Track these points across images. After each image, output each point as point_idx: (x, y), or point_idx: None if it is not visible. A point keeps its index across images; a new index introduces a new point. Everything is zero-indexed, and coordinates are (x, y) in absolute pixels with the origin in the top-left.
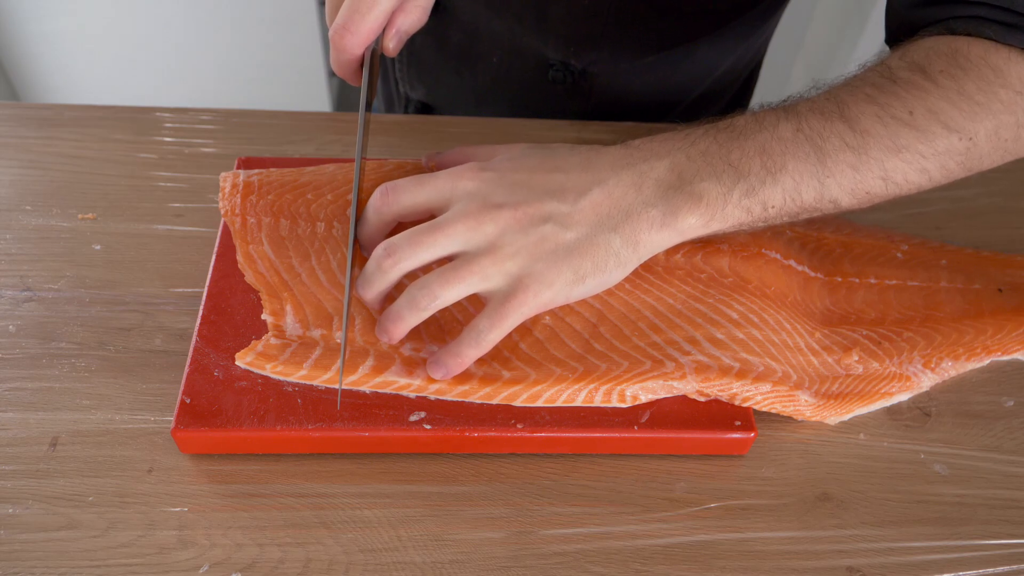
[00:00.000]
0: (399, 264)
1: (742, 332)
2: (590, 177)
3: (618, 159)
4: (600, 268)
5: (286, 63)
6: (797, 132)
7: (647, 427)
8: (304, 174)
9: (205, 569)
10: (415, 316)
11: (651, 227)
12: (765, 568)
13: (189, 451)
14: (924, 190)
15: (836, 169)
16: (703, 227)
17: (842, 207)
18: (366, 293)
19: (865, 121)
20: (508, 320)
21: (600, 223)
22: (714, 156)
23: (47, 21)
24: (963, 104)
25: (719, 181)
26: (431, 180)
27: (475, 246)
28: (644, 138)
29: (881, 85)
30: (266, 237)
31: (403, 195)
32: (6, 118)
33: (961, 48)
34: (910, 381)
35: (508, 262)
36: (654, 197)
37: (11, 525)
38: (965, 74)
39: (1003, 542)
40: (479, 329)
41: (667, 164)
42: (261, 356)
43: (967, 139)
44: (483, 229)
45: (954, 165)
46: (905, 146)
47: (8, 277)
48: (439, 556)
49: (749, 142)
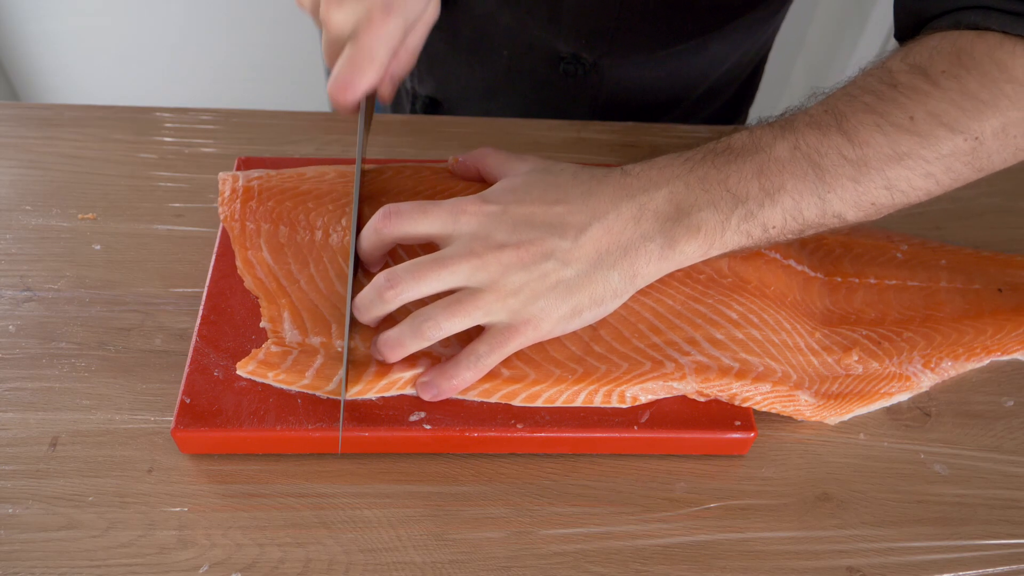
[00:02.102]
0: (401, 295)
1: (742, 332)
2: (590, 211)
3: (618, 189)
4: (597, 303)
5: (286, 63)
6: (794, 150)
7: (647, 427)
8: (305, 181)
9: (205, 569)
10: (416, 344)
11: (649, 260)
12: (765, 568)
13: (189, 451)
14: (936, 195)
15: (836, 184)
16: (702, 255)
17: (848, 220)
18: (362, 317)
19: (864, 132)
20: (507, 348)
21: (600, 260)
22: (712, 182)
23: (47, 21)
24: (966, 104)
25: (716, 209)
26: (434, 210)
27: (478, 282)
28: (644, 163)
29: (880, 92)
30: (265, 243)
31: (405, 222)
32: (6, 118)
33: (965, 46)
34: (910, 381)
35: (511, 299)
36: (652, 231)
37: (11, 525)
38: (968, 73)
39: (1003, 542)
40: (479, 353)
41: (665, 194)
42: (263, 364)
43: (972, 139)
44: (487, 267)
45: (961, 166)
46: (907, 153)
47: (8, 277)
48: (439, 556)
49: (747, 165)
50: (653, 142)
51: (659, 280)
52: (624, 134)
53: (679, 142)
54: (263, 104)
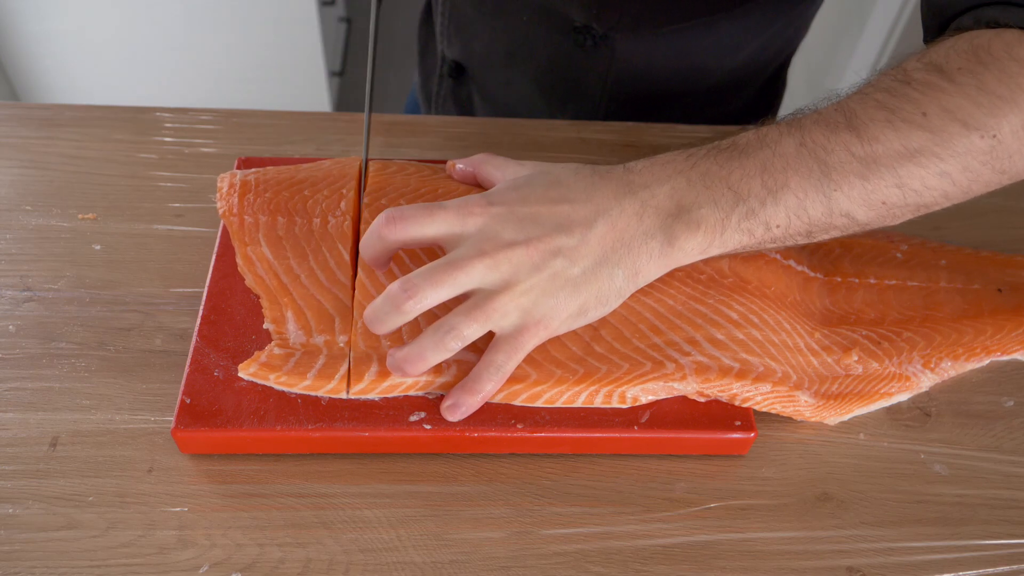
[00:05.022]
0: (420, 304)
1: (742, 332)
2: (594, 208)
3: (620, 185)
4: (602, 302)
5: (286, 63)
6: (800, 147)
7: (647, 427)
8: (301, 171)
9: (205, 569)
10: (439, 357)
11: (650, 258)
12: (765, 568)
13: (189, 451)
14: (955, 199)
15: (843, 181)
16: (701, 253)
17: (859, 221)
18: (378, 329)
19: (874, 128)
20: (523, 351)
21: (605, 258)
22: (714, 179)
23: (47, 21)
24: (983, 100)
25: (717, 206)
26: (440, 213)
27: (491, 283)
28: (647, 159)
29: (893, 89)
30: (264, 237)
31: (411, 226)
32: (6, 118)
33: (983, 43)
34: (910, 381)
35: (523, 298)
36: (653, 227)
37: (11, 525)
38: (986, 69)
39: (1003, 542)
40: (498, 362)
41: (667, 190)
42: (264, 367)
43: (990, 136)
44: (499, 267)
45: (978, 165)
46: (919, 149)
47: (8, 277)
48: (439, 556)
49: (750, 161)
50: (654, 142)
51: (660, 280)
52: (624, 134)
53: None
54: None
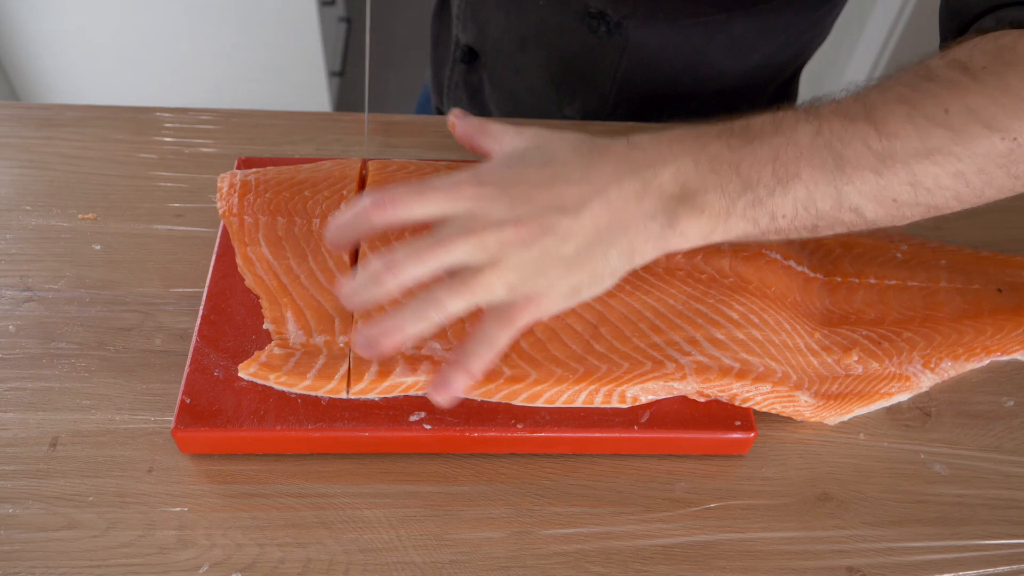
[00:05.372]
0: (400, 278)
1: (742, 332)
2: (591, 185)
3: (621, 163)
4: (596, 281)
5: (286, 63)
6: (816, 136)
7: (647, 427)
8: (301, 171)
9: (205, 569)
10: (416, 327)
11: (648, 239)
12: (765, 568)
13: (189, 451)
14: (967, 202)
15: (856, 175)
16: (702, 239)
17: (866, 217)
18: (351, 303)
19: (893, 122)
20: (513, 326)
21: (599, 237)
22: (722, 163)
23: (47, 21)
24: (1006, 100)
25: (723, 193)
26: (430, 193)
27: (478, 261)
28: (652, 135)
29: (916, 84)
30: (263, 237)
31: (401, 209)
32: (6, 118)
33: (1008, 43)
34: (910, 381)
35: (510, 274)
36: (654, 209)
37: (11, 525)
38: (1010, 69)
39: (1003, 542)
40: (489, 336)
41: (672, 171)
42: (264, 367)
43: (1010, 139)
44: (486, 246)
45: (995, 169)
46: (937, 148)
47: (8, 277)
48: (439, 556)
49: (763, 147)
50: None
51: (661, 279)
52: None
53: None
54: (263, 104)
